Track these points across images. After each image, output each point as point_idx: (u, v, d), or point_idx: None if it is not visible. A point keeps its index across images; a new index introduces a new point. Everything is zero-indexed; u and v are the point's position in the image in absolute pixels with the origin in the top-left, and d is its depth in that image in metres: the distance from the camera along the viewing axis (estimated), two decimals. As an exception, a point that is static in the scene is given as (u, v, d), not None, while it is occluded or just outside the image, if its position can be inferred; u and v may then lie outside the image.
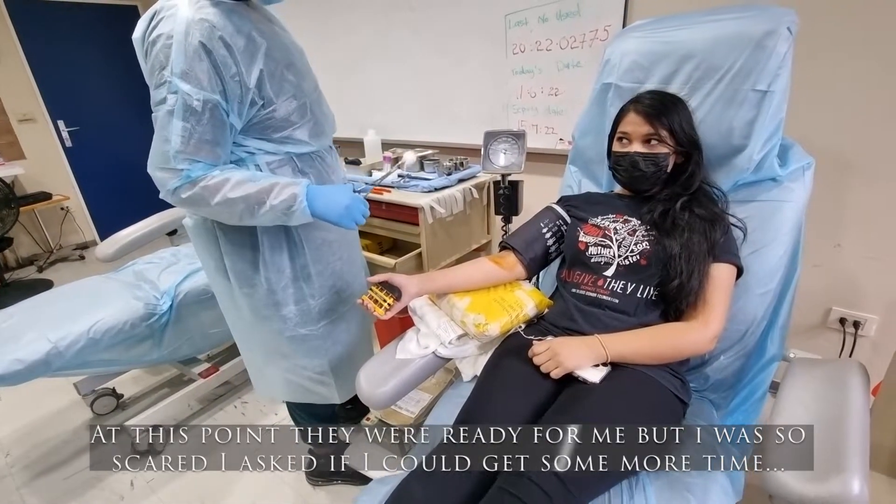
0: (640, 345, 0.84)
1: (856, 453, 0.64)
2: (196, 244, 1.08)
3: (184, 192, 0.86)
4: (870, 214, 1.32)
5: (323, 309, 1.10)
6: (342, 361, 1.17)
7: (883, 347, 1.37)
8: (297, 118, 0.96)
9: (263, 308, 1.06)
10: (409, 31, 2.08)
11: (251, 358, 1.21)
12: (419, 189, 1.67)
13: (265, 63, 0.89)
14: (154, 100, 0.84)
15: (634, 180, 0.97)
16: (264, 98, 0.90)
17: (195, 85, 0.81)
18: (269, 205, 0.88)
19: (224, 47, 0.82)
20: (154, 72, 0.82)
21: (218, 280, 1.08)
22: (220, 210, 0.88)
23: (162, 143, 0.84)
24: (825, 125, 1.29)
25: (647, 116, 0.92)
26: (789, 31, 0.93)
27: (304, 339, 1.10)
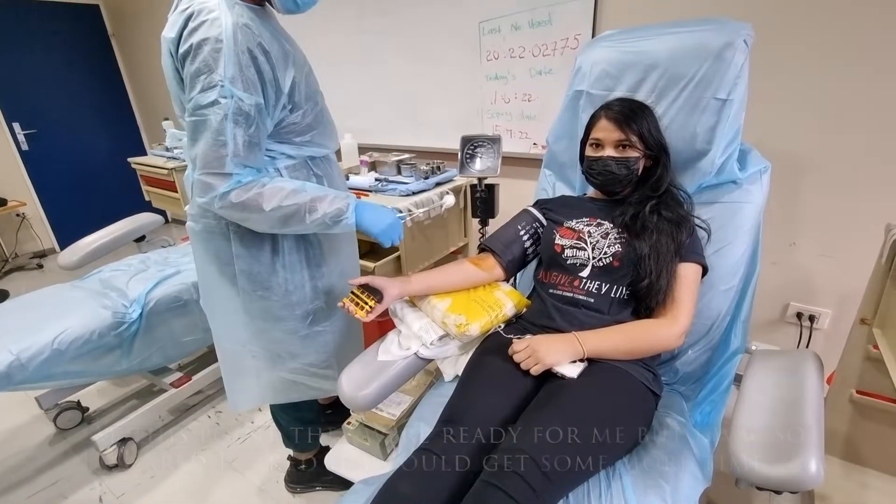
0: (615, 341, 0.88)
1: (812, 436, 0.69)
2: (201, 249, 1.06)
3: (236, 197, 0.86)
4: (822, 215, 1.42)
5: (332, 305, 1.12)
6: (343, 352, 1.19)
7: (836, 339, 1.47)
8: (316, 123, 1.00)
9: (280, 309, 1.06)
10: (382, 37, 2.09)
11: (238, 366, 1.17)
12: (397, 193, 1.68)
13: (296, 69, 0.92)
14: (199, 103, 0.82)
15: (607, 183, 1.01)
16: (293, 103, 0.93)
17: (247, 90, 0.83)
18: (321, 212, 0.92)
19: (263, 53, 0.84)
20: (201, 75, 0.81)
21: (221, 286, 1.06)
22: (269, 216, 0.89)
23: (215, 147, 0.83)
24: (779, 132, 1.38)
25: (617, 123, 0.97)
26: (745, 43, 0.99)
27: (316, 336, 1.13)
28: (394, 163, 1.83)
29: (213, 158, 0.84)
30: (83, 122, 3.48)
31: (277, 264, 1.02)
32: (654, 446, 0.83)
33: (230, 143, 0.83)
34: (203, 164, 0.84)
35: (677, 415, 0.92)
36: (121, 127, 3.70)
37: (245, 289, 1.03)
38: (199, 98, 0.81)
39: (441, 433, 0.78)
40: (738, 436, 0.72)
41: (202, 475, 1.50)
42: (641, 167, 1.00)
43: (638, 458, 0.81)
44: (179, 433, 1.68)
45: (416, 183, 1.71)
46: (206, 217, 0.99)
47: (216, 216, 0.97)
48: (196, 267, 1.10)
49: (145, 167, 2.47)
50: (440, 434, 0.78)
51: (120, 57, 3.57)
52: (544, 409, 0.78)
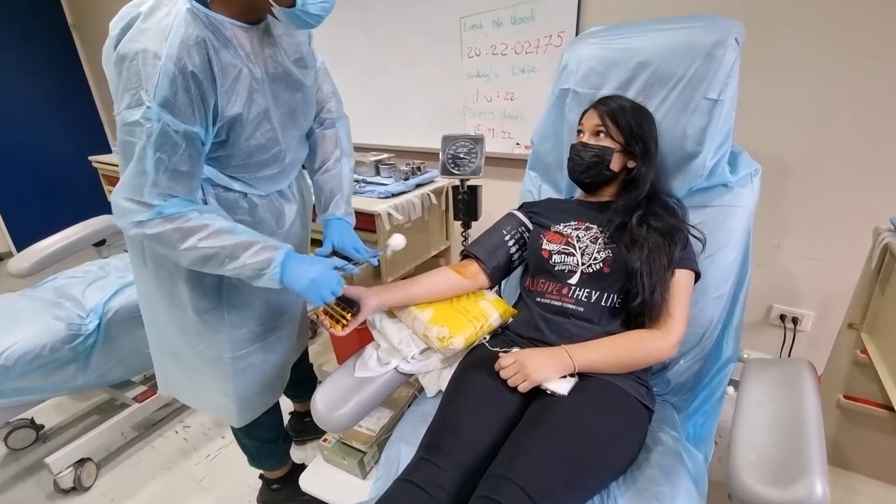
0: (606, 354, 0.83)
1: (815, 455, 0.65)
2: (136, 253, 0.98)
3: (150, 228, 0.77)
4: (806, 217, 1.41)
5: (206, 319, 0.98)
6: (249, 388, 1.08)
7: (819, 342, 1.46)
8: (264, 165, 0.90)
9: (201, 326, 0.98)
10: (360, 31, 2.01)
11: (157, 347, 1.14)
12: (375, 195, 1.61)
13: (249, 100, 0.81)
14: (125, 119, 0.72)
15: (574, 170, 0.99)
16: (234, 135, 0.83)
17: (177, 115, 0.73)
18: (241, 262, 0.81)
19: (211, 79, 0.75)
20: (128, 89, 0.71)
21: (157, 292, 0.99)
22: (182, 254, 0.80)
23: (135, 174, 0.74)
24: (765, 134, 1.36)
25: (599, 112, 0.96)
26: (737, 41, 0.96)
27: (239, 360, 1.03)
28: (372, 163, 1.76)
29: (133, 185, 0.75)
30: (42, 119, 3.27)
31: (192, 279, 0.92)
32: (648, 465, 0.79)
33: (150, 171, 0.74)
34: (120, 189, 0.76)
35: (670, 429, 0.88)
36: (83, 124, 3.51)
37: (177, 303, 0.96)
38: (126, 115, 0.72)
39: (423, 461, 0.72)
40: (738, 456, 0.68)
41: (168, 496, 1.40)
42: (618, 162, 0.96)
43: (632, 479, 0.77)
44: (144, 451, 1.57)
45: (395, 184, 1.65)
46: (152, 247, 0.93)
47: None
48: (133, 272, 1.03)
49: (107, 166, 2.33)
50: (422, 461, 0.72)
51: (81, 50, 3.38)
52: (533, 431, 0.72)
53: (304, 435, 1.52)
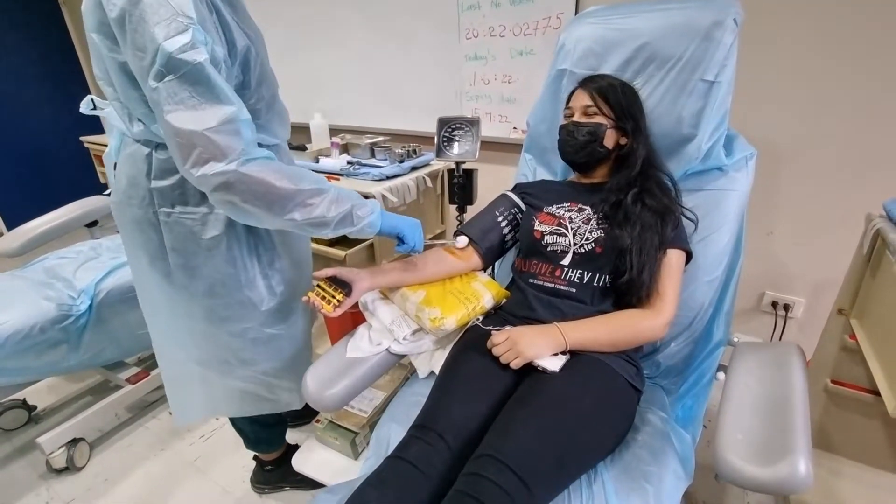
0: (598, 332, 0.84)
1: (800, 435, 0.66)
2: (130, 242, 0.93)
3: (258, 164, 0.71)
4: (799, 204, 1.41)
5: (285, 305, 0.99)
6: (299, 358, 1.08)
7: (809, 328, 1.48)
8: (268, 106, 0.86)
9: (225, 309, 0.92)
10: (355, 11, 1.98)
11: (182, 374, 1.05)
12: (370, 177, 1.59)
13: (251, 42, 0.78)
14: (167, 50, 0.63)
15: (568, 151, 0.97)
16: (245, 78, 0.79)
17: (215, 40, 0.69)
18: (348, 204, 0.81)
19: (218, 7, 0.72)
20: (158, 23, 0.63)
21: (155, 284, 0.93)
22: (296, 195, 0.74)
23: (219, 103, 0.67)
24: (759, 118, 1.35)
25: (588, 90, 0.95)
26: (735, 22, 0.95)
27: (270, 341, 0.99)
28: (367, 145, 1.74)
29: (216, 114, 0.66)
30: (31, 97, 3.21)
31: (218, 257, 0.87)
32: (636, 444, 0.80)
33: (228, 92, 0.69)
34: (207, 123, 0.67)
35: (659, 410, 0.89)
36: (73, 102, 3.42)
37: (183, 286, 0.89)
38: (168, 45, 0.63)
39: (414, 439, 0.72)
40: (723, 435, 0.69)
41: (162, 476, 1.41)
42: (612, 140, 0.96)
43: (620, 458, 0.77)
44: (137, 432, 1.57)
45: (390, 167, 1.64)
46: (130, 205, 0.86)
47: (142, 203, 0.84)
48: (128, 262, 0.97)
49: (99, 146, 2.30)
50: (413, 440, 0.72)
51: (71, 24, 3.30)
52: (522, 410, 0.73)
53: (300, 420, 1.52)
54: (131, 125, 0.81)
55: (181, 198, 0.83)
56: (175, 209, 0.84)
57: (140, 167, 0.83)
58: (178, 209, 0.84)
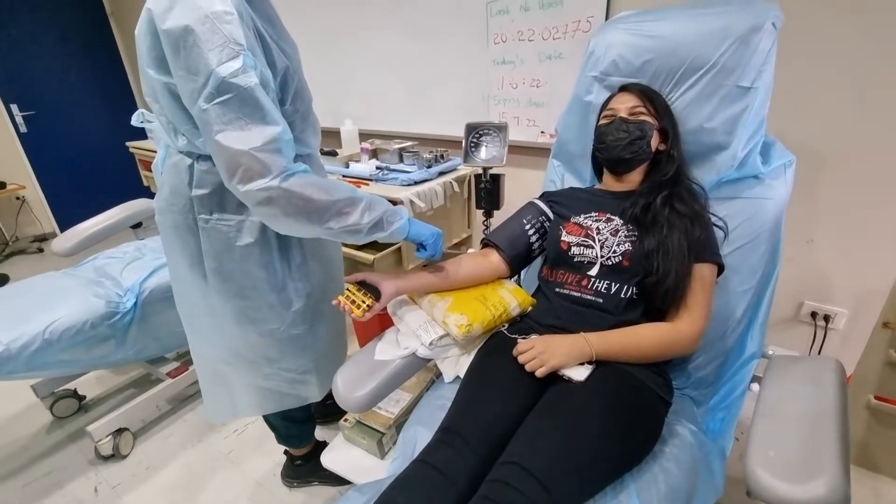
0: (626, 344, 0.83)
1: (836, 453, 0.64)
2: (170, 245, 0.99)
3: (302, 178, 0.77)
4: (840, 211, 1.35)
5: (312, 307, 1.04)
6: (323, 357, 1.13)
7: (852, 340, 1.41)
8: (303, 119, 0.91)
9: (255, 311, 0.97)
10: (385, 17, 2.01)
11: (213, 373, 1.11)
12: (398, 182, 1.62)
13: (287, 59, 0.84)
14: (220, 75, 0.69)
15: (617, 146, 0.95)
16: (283, 93, 0.85)
17: (261, 63, 0.76)
18: (379, 211, 0.85)
19: (259, 32, 0.78)
20: (212, 49, 0.69)
21: (191, 285, 0.99)
22: (333, 206, 0.80)
23: (265, 125, 0.73)
24: (800, 123, 1.30)
25: (633, 92, 0.97)
26: (773, 26, 0.92)
27: (296, 340, 1.04)
28: (396, 150, 1.77)
29: (265, 134, 0.72)
30: (82, 105, 3.42)
31: (251, 262, 0.92)
32: (664, 457, 0.79)
33: (277, 117, 0.75)
34: (251, 140, 0.72)
35: (688, 422, 0.87)
36: (120, 109, 3.64)
37: (216, 289, 0.95)
38: (222, 70, 0.69)
39: (440, 444, 0.74)
40: (755, 450, 0.68)
41: (199, 466, 1.48)
42: (654, 140, 0.96)
43: (648, 470, 0.76)
44: (176, 423, 1.65)
45: (418, 172, 1.66)
46: (172, 211, 0.92)
47: (183, 210, 0.90)
48: (168, 264, 1.03)
49: (143, 151, 2.42)
50: (439, 444, 0.74)
51: (118, 37, 3.49)
52: (547, 418, 0.73)
53: (328, 417, 1.57)
54: (176, 139, 0.87)
55: (219, 205, 0.88)
56: (213, 216, 0.89)
57: (182, 177, 0.89)
58: (215, 216, 0.89)
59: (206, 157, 0.85)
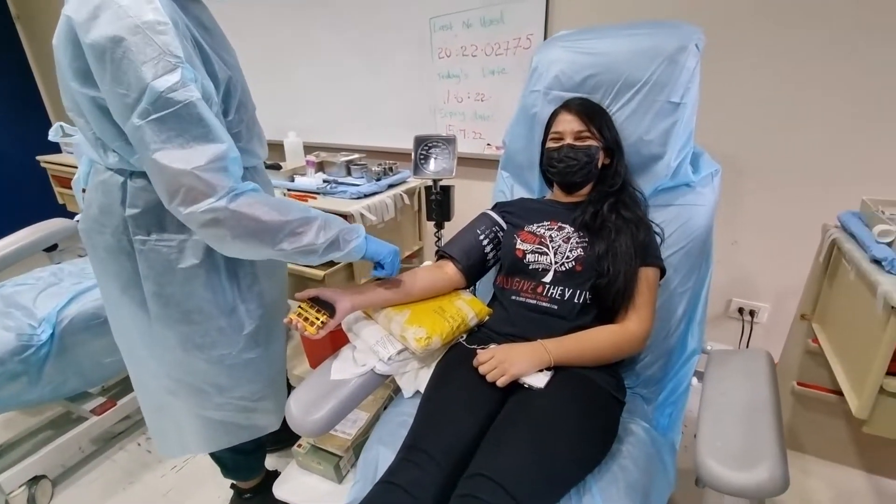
0: (582, 348, 0.86)
1: (775, 440, 0.69)
2: (101, 269, 0.90)
3: (250, 199, 0.72)
4: (760, 215, 1.49)
5: (265, 328, 0.98)
6: (278, 382, 1.07)
7: (774, 332, 1.55)
8: (248, 129, 0.87)
9: (202, 336, 0.90)
10: (329, 29, 1.98)
11: (158, 405, 1.02)
12: (347, 195, 1.59)
13: (229, 68, 0.80)
14: (157, 89, 0.64)
15: (568, 172, 1.00)
16: (227, 104, 0.80)
17: (202, 75, 0.71)
18: (335, 230, 0.82)
19: (197, 43, 0.73)
20: (145, 62, 0.63)
21: (128, 312, 0.90)
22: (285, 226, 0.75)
23: (208, 141, 0.68)
24: (722, 135, 1.43)
25: (577, 115, 0.99)
26: (697, 47, 1.01)
27: (248, 365, 0.97)
28: (343, 163, 1.74)
29: (208, 152, 0.67)
30: (-19, 114, 3.06)
31: (196, 285, 0.86)
32: (621, 456, 0.81)
33: (222, 133, 0.70)
34: (194, 159, 0.67)
35: (641, 420, 0.91)
36: (29, 121, 3.30)
37: (157, 314, 0.88)
38: (158, 84, 0.64)
39: (405, 462, 0.71)
40: (704, 442, 0.71)
41: (132, 513, 1.34)
42: (600, 160, 1.01)
43: (607, 470, 0.78)
44: (104, 466, 1.49)
45: (367, 185, 1.64)
46: (102, 232, 0.84)
47: (116, 230, 0.82)
48: (100, 289, 0.94)
49: (57, 167, 2.20)
50: (403, 463, 0.71)
51: (26, 43, 3.18)
52: (511, 427, 0.74)
53: (279, 444, 1.48)
54: (105, 156, 0.79)
55: (158, 225, 0.81)
56: (151, 236, 0.82)
57: (114, 195, 0.81)
58: (154, 236, 0.82)
59: (141, 173, 0.78)
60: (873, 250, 0.88)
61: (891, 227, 0.88)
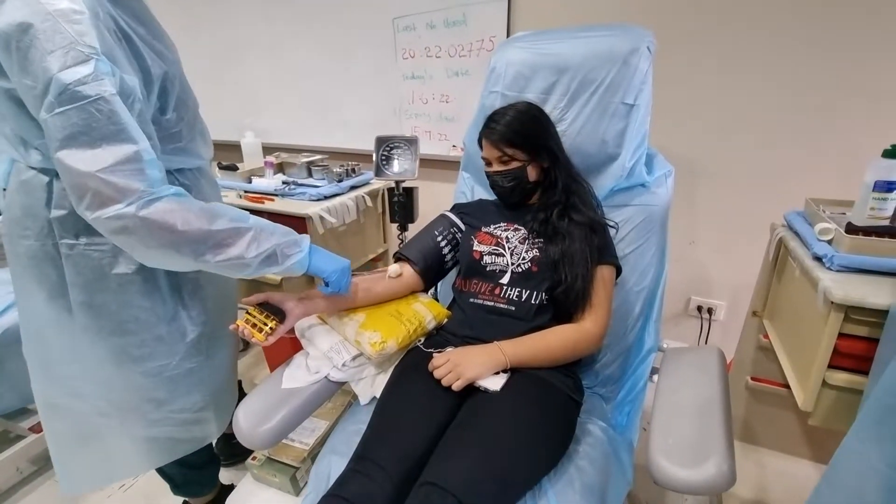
0: (538, 349, 0.85)
1: (721, 436, 0.70)
2: (23, 278, 0.82)
3: (167, 205, 0.66)
4: (714, 214, 1.53)
5: (208, 335, 0.92)
6: (221, 390, 1.01)
7: (730, 329, 1.59)
8: (189, 128, 0.82)
9: (138, 348, 0.84)
10: (290, 27, 1.94)
11: (77, 431, 0.92)
12: (307, 197, 1.55)
13: (164, 62, 0.75)
14: (64, 81, 0.59)
15: (503, 195, 1.00)
16: (164, 101, 0.75)
17: (125, 71, 0.65)
18: (273, 241, 0.76)
19: (126, 34, 0.68)
20: (52, 51, 0.59)
21: (51, 324, 0.83)
22: (212, 236, 0.69)
23: (121, 141, 0.62)
24: (677, 138, 1.46)
25: (494, 142, 0.94)
26: (649, 49, 1.02)
27: (188, 375, 0.91)
28: (303, 164, 1.70)
29: (121, 153, 0.62)
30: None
31: (132, 292, 0.80)
32: (578, 456, 0.81)
33: (136, 133, 0.64)
34: (100, 160, 0.62)
35: (599, 419, 0.91)
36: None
37: (86, 326, 0.81)
38: (64, 76, 0.59)
39: (354, 473, 0.69)
40: (655, 440, 0.72)
41: (74, 536, 1.26)
42: (534, 173, 0.97)
43: (564, 471, 0.78)
44: (44, 487, 1.39)
45: (328, 186, 1.60)
46: (25, 236, 0.77)
47: (40, 234, 0.76)
48: (16, 299, 0.86)
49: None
50: (352, 474, 0.69)
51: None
52: (464, 434, 0.72)
53: (234, 458, 1.41)
54: (27, 154, 0.73)
55: (87, 227, 0.74)
56: (80, 240, 0.76)
57: (38, 195, 0.75)
58: (83, 240, 0.76)
59: None
60: (815, 248, 0.91)
61: (830, 226, 0.92)
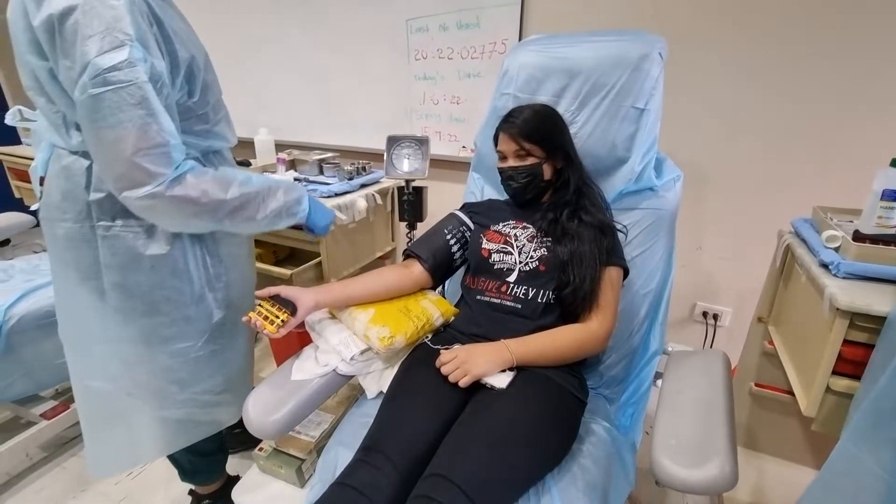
0: (544, 348, 0.86)
1: (724, 437, 0.71)
2: (60, 260, 0.86)
3: (189, 183, 0.73)
4: (721, 220, 1.54)
5: (232, 318, 0.96)
6: (240, 375, 1.04)
7: (736, 335, 1.60)
8: (215, 112, 0.86)
9: (168, 327, 0.88)
10: (305, 29, 1.96)
11: (107, 412, 0.95)
12: (318, 194, 1.56)
13: (193, 48, 0.79)
14: (100, 66, 0.63)
15: (516, 192, 1.01)
16: (191, 86, 0.79)
17: (155, 57, 0.69)
18: (279, 199, 0.88)
19: (158, 20, 0.71)
20: (91, 36, 0.62)
21: (85, 306, 0.86)
22: (227, 204, 0.80)
23: (148, 125, 0.67)
24: (685, 143, 1.47)
25: (512, 135, 0.96)
26: (660, 56, 1.03)
27: (211, 357, 0.95)
28: (315, 162, 1.71)
29: (150, 137, 0.67)
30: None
31: (164, 272, 0.84)
32: (581, 455, 0.82)
33: (164, 118, 0.69)
34: (131, 144, 0.66)
35: (603, 420, 0.92)
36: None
37: (117, 307, 0.85)
38: (101, 61, 0.62)
39: (361, 463, 0.70)
40: (659, 441, 0.73)
41: (82, 522, 1.28)
42: (548, 172, 0.99)
43: (567, 469, 0.79)
44: (53, 473, 1.42)
45: (339, 184, 1.61)
46: (65, 219, 0.81)
47: (79, 217, 0.80)
48: (53, 283, 0.90)
49: (14, 158, 2.10)
50: (359, 464, 0.70)
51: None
52: (470, 428, 0.73)
53: (243, 445, 1.44)
54: (69, 136, 0.77)
55: (124, 210, 0.78)
56: (116, 222, 0.80)
57: (77, 180, 0.79)
58: (119, 222, 0.80)
59: None
60: (821, 255, 0.91)
61: (837, 233, 0.92)
